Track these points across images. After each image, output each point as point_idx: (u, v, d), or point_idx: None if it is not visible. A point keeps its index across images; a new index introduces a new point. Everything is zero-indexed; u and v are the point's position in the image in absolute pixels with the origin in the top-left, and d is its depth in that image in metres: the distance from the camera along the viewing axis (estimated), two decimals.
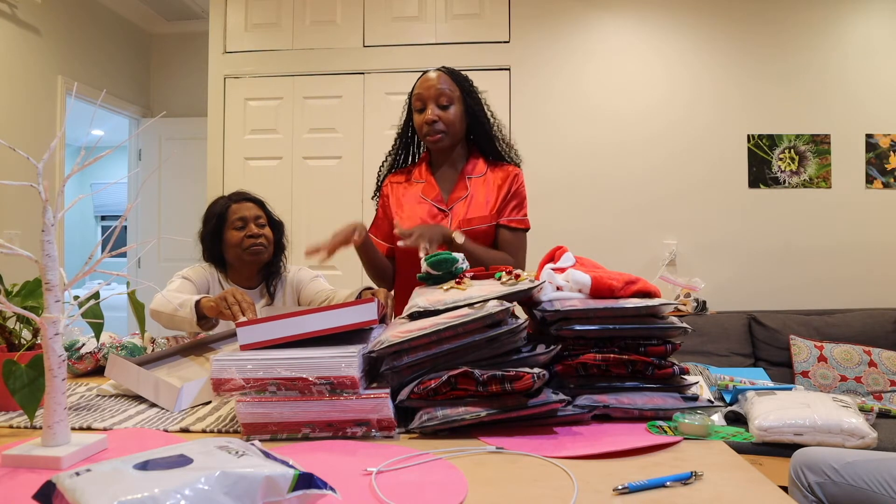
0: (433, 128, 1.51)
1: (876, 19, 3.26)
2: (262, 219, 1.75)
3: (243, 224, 1.72)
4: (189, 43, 4.44)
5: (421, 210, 1.56)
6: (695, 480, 0.69)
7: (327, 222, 3.38)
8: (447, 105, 1.52)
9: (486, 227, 1.55)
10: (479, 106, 1.58)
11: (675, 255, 3.28)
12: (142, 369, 1.08)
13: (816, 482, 1.44)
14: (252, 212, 1.74)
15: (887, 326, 2.92)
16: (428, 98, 1.51)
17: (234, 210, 1.73)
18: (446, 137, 1.53)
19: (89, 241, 6.97)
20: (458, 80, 1.56)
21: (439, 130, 1.52)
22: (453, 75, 1.56)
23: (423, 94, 1.52)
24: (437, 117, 1.51)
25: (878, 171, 3.25)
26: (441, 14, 3.41)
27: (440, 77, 1.53)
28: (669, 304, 0.96)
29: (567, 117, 3.36)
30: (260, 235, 1.71)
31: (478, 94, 1.59)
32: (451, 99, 1.52)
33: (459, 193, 1.56)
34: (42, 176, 0.75)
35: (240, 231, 1.71)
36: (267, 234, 1.74)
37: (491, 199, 1.56)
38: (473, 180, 1.57)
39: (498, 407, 0.85)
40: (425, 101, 1.52)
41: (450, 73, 1.56)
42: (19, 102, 3.26)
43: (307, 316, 0.89)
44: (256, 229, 1.72)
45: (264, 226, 1.75)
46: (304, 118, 3.47)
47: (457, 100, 1.53)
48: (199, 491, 0.49)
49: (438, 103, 1.51)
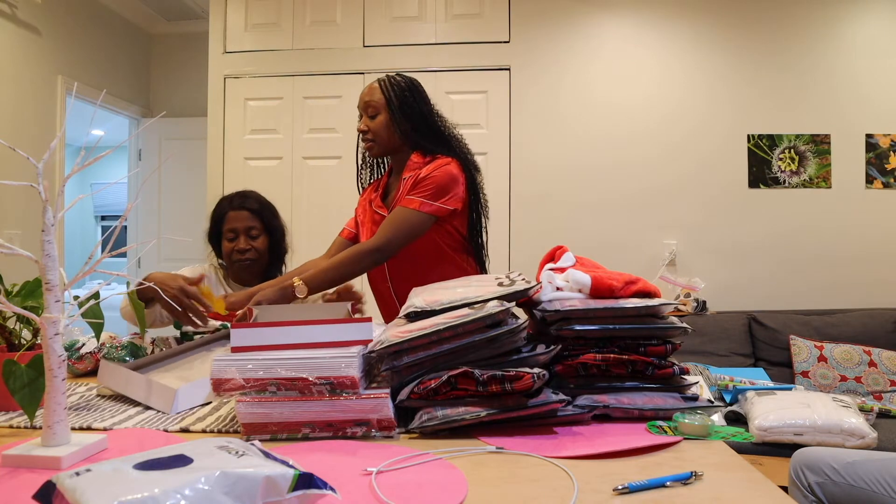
0: (364, 137, 1.63)
1: (876, 19, 3.26)
2: (254, 229, 1.74)
3: (234, 235, 1.73)
4: (189, 43, 4.44)
5: (368, 214, 1.68)
6: (695, 480, 0.70)
7: (327, 222, 3.39)
8: (374, 115, 1.61)
9: None
10: (411, 109, 1.60)
11: (675, 255, 3.28)
12: (133, 373, 1.06)
13: (816, 482, 1.44)
14: (244, 223, 1.73)
15: (887, 326, 2.92)
16: (360, 109, 1.64)
17: (230, 219, 1.75)
18: (375, 146, 1.63)
19: (89, 241, 6.97)
20: (386, 89, 1.60)
21: (368, 139, 1.62)
22: (384, 84, 1.61)
23: (358, 106, 1.64)
24: (367, 127, 1.61)
25: (878, 171, 3.25)
26: (441, 14, 3.41)
27: (372, 88, 1.62)
28: (669, 304, 0.96)
29: (567, 117, 3.36)
30: (248, 249, 1.72)
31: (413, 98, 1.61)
32: (378, 109, 1.60)
33: (396, 194, 1.62)
34: (42, 176, 0.75)
35: (231, 242, 1.74)
36: (258, 245, 1.74)
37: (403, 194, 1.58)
38: (406, 181, 1.60)
39: (498, 407, 0.85)
40: (360, 112, 1.64)
41: (382, 81, 1.62)
42: (19, 102, 3.26)
43: (302, 327, 0.89)
44: (245, 243, 1.72)
45: (257, 237, 1.74)
46: (304, 118, 3.47)
47: (383, 109, 1.60)
48: (199, 491, 0.49)
49: (367, 114, 1.62)
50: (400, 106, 1.59)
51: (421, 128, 1.62)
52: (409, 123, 1.60)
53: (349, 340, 0.90)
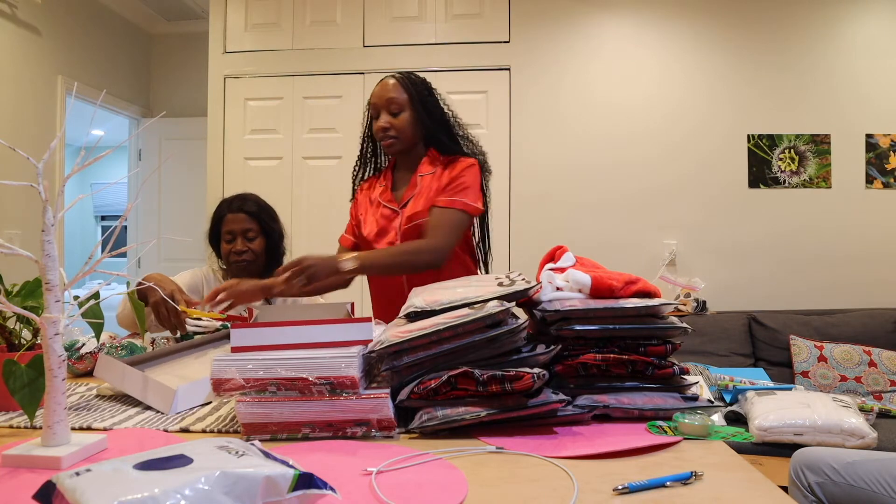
0: (386, 134, 1.59)
1: (876, 19, 3.26)
2: (251, 231, 1.78)
3: (232, 237, 1.78)
4: (189, 43, 4.44)
5: (376, 212, 1.65)
6: (695, 480, 0.69)
7: (327, 222, 3.39)
8: (397, 112, 1.58)
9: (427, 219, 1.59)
10: (433, 107, 1.62)
11: (675, 255, 3.28)
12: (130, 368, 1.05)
13: (816, 482, 1.44)
14: (242, 225, 1.77)
15: (887, 326, 2.92)
16: (380, 106, 1.59)
17: (228, 221, 1.79)
18: (398, 143, 1.60)
19: (89, 241, 6.97)
20: (408, 86, 1.60)
21: (391, 136, 1.59)
22: (404, 81, 1.60)
23: (376, 103, 1.60)
24: (389, 124, 1.58)
25: (878, 171, 3.25)
26: (441, 14, 3.41)
27: (392, 85, 1.59)
28: (669, 304, 0.96)
29: (567, 117, 3.36)
30: (244, 251, 1.76)
31: (431, 96, 1.63)
32: (401, 106, 1.58)
33: (410, 192, 1.62)
34: (42, 176, 0.75)
35: (229, 244, 1.78)
36: (254, 247, 1.78)
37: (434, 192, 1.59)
38: (425, 178, 1.61)
39: (498, 407, 0.85)
40: (378, 109, 1.60)
41: (402, 79, 1.61)
42: (19, 102, 3.26)
43: (302, 327, 0.89)
44: (242, 245, 1.77)
45: (253, 239, 1.78)
46: (304, 118, 3.47)
47: (406, 106, 1.59)
48: (199, 491, 0.49)
49: (390, 111, 1.58)
50: (422, 103, 1.60)
51: (441, 125, 1.63)
52: (431, 121, 1.61)
53: (349, 340, 0.90)
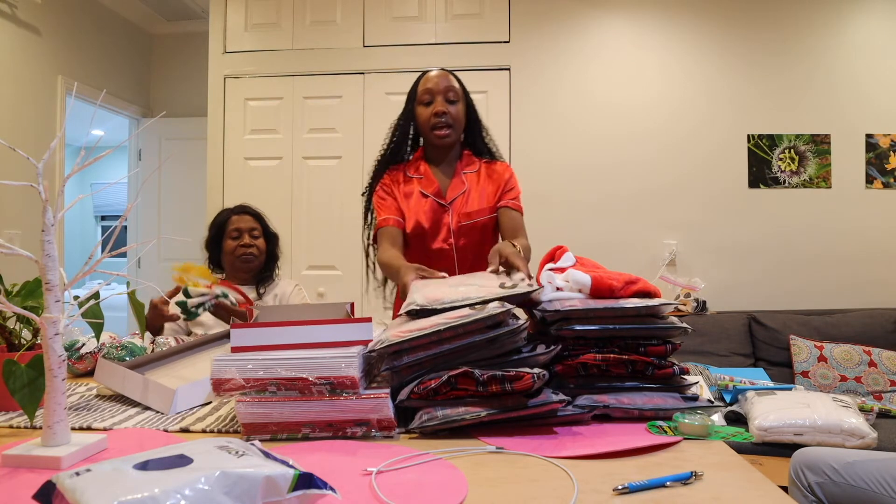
0: (442, 120, 1.55)
1: (876, 19, 3.26)
2: (256, 231, 1.96)
3: (238, 234, 1.92)
4: (189, 43, 4.44)
5: (423, 205, 1.61)
6: (695, 480, 0.69)
7: (327, 222, 3.40)
8: (454, 101, 1.58)
9: (486, 219, 1.62)
10: (474, 108, 1.66)
11: (675, 255, 3.28)
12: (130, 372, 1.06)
13: (816, 482, 1.44)
14: (248, 224, 1.94)
15: (887, 326, 2.92)
16: (437, 92, 1.56)
17: (233, 221, 1.95)
18: (453, 132, 1.58)
19: (89, 241, 6.97)
20: (460, 81, 1.63)
21: (447, 124, 1.56)
22: (455, 76, 1.63)
23: (433, 88, 1.57)
24: (447, 110, 1.56)
25: (878, 171, 3.25)
26: (441, 14, 3.41)
27: (447, 75, 1.60)
28: (669, 304, 0.96)
29: (567, 117, 3.36)
30: (251, 246, 1.92)
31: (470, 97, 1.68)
32: (458, 96, 1.59)
33: (457, 188, 1.62)
34: (42, 176, 0.75)
35: (235, 241, 1.92)
36: (259, 244, 1.94)
37: (486, 193, 1.62)
38: (468, 176, 1.62)
39: (498, 407, 0.85)
40: (434, 95, 1.57)
41: (452, 73, 1.63)
42: (19, 102, 3.26)
43: (302, 327, 0.89)
44: (249, 240, 1.92)
45: (258, 237, 1.95)
46: (304, 118, 3.47)
47: (461, 97, 1.60)
48: (199, 491, 0.49)
49: (447, 98, 1.56)
50: (469, 100, 1.63)
51: (479, 126, 1.67)
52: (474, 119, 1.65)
53: (349, 340, 0.90)
